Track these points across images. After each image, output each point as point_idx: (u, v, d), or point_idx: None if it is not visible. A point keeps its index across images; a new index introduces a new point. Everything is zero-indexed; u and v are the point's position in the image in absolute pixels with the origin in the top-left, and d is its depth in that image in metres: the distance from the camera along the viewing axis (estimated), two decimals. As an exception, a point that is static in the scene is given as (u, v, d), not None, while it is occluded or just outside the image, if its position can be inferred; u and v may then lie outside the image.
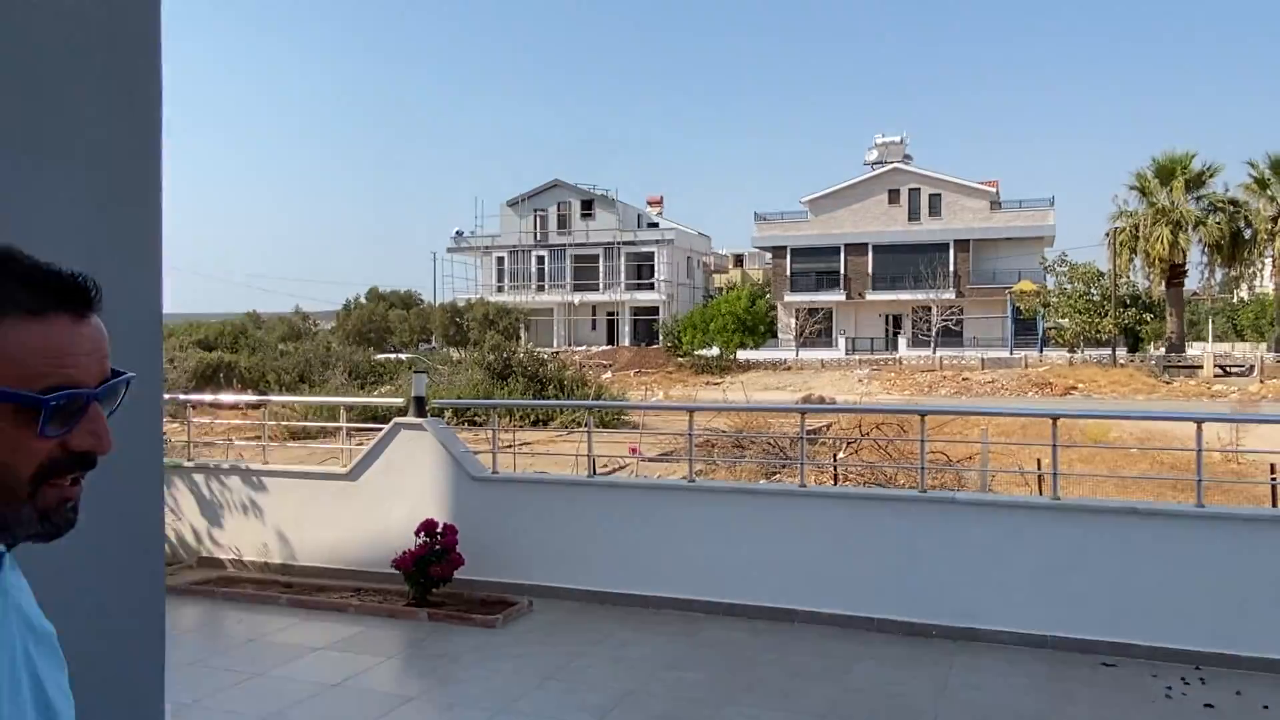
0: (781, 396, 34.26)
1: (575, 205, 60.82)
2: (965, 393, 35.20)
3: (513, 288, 62.41)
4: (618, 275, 59.86)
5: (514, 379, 23.95)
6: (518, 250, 61.93)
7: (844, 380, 40.06)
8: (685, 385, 41.12)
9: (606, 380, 40.02)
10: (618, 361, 51.66)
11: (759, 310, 48.19)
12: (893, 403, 28.64)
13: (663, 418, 24.51)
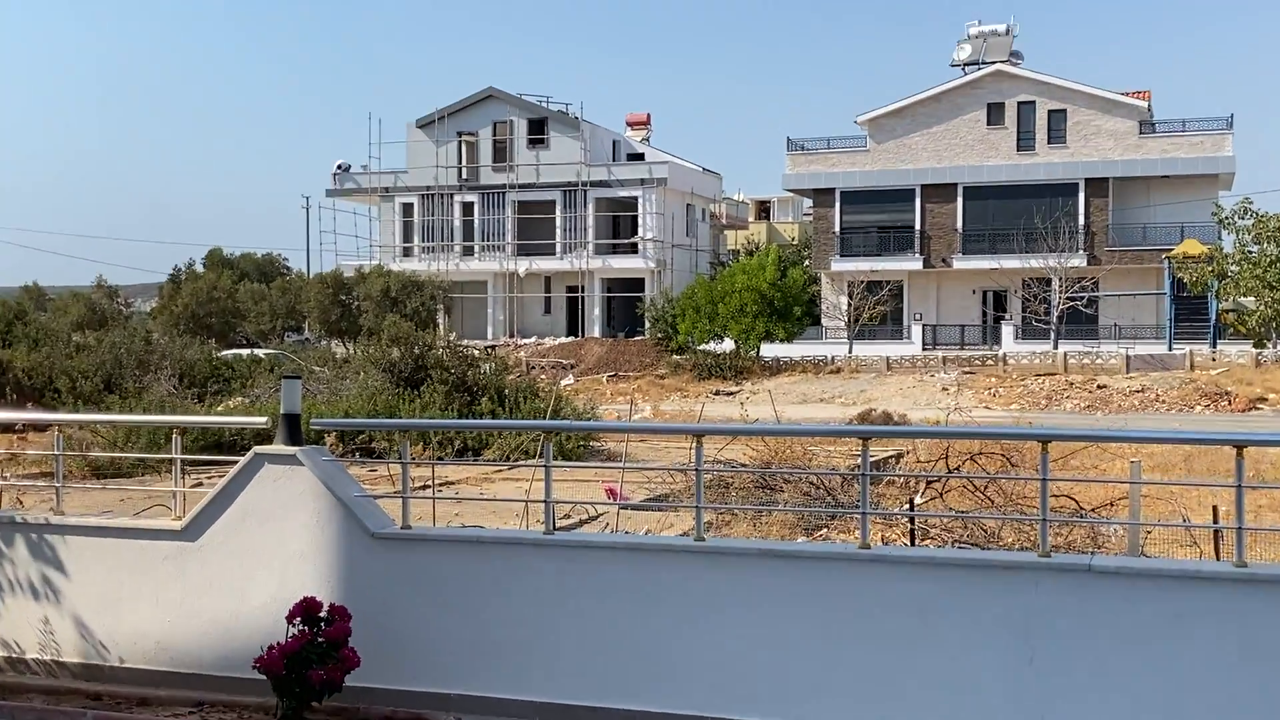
0: (828, 413, 34.41)
1: (520, 127, 60.85)
2: (1102, 407, 35.47)
3: (426, 250, 62.37)
4: (583, 232, 59.95)
5: (430, 387, 23.95)
6: (433, 194, 61.88)
7: (920, 388, 40.29)
8: (684, 396, 41.22)
9: (568, 388, 40.08)
10: (584, 360, 51.75)
11: (793, 284, 48.32)
12: (995, 422, 28.84)
13: (654, 444, 24.54)
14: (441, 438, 21.08)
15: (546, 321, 61.73)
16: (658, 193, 59.17)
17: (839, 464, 18.64)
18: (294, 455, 8.01)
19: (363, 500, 8.04)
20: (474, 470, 19.36)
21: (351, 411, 22.50)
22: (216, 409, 25.92)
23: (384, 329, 27.73)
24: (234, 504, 8.14)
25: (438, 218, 61.99)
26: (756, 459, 17.11)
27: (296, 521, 7.98)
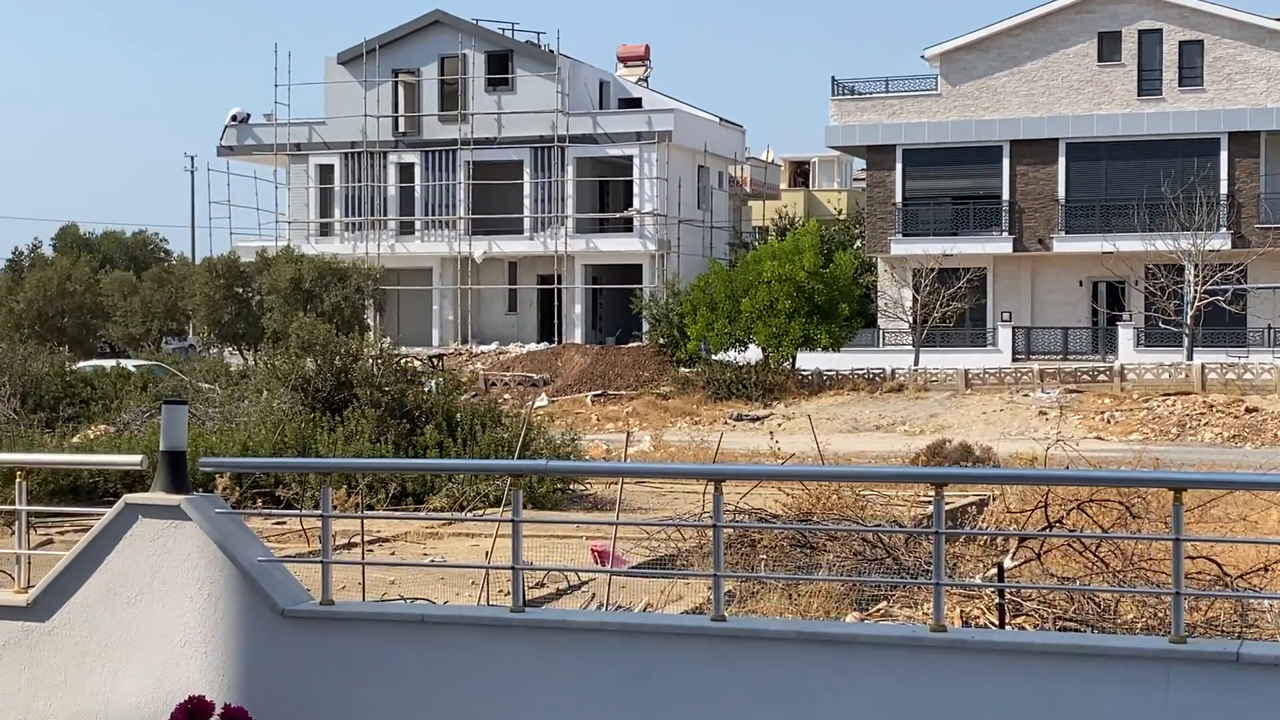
0: (887, 445, 34.42)
1: (476, 64, 60.98)
2: (1252, 437, 35.52)
3: (351, 227, 62.43)
4: (559, 203, 60.04)
5: (357, 411, 23.97)
6: (360, 152, 61.97)
7: (1009, 412, 40.35)
8: (695, 422, 41.25)
9: (540, 412, 40.02)
10: (562, 374, 51.81)
11: (840, 273, 48.39)
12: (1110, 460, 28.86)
13: (656, 487, 24.51)
14: (372, 479, 21.08)
15: (511, 322, 61.75)
16: (659, 150, 59.28)
17: (902, 514, 18.67)
18: (177, 506, 8.00)
19: (268, 567, 8.04)
20: (416, 523, 19.37)
21: (252, 445, 22.52)
22: (72, 441, 25.90)
23: (294, 332, 27.70)
24: (97, 572, 8.13)
25: (366, 184, 62.06)
26: (792, 508, 17.13)
27: (181, 595, 7.97)
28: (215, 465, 12.14)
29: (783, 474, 12.18)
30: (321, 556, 8.08)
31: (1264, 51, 52.72)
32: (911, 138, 56.15)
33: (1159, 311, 50.39)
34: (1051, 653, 6.92)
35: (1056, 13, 55.08)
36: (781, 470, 12.71)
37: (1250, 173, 52.78)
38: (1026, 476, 12.89)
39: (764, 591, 13.78)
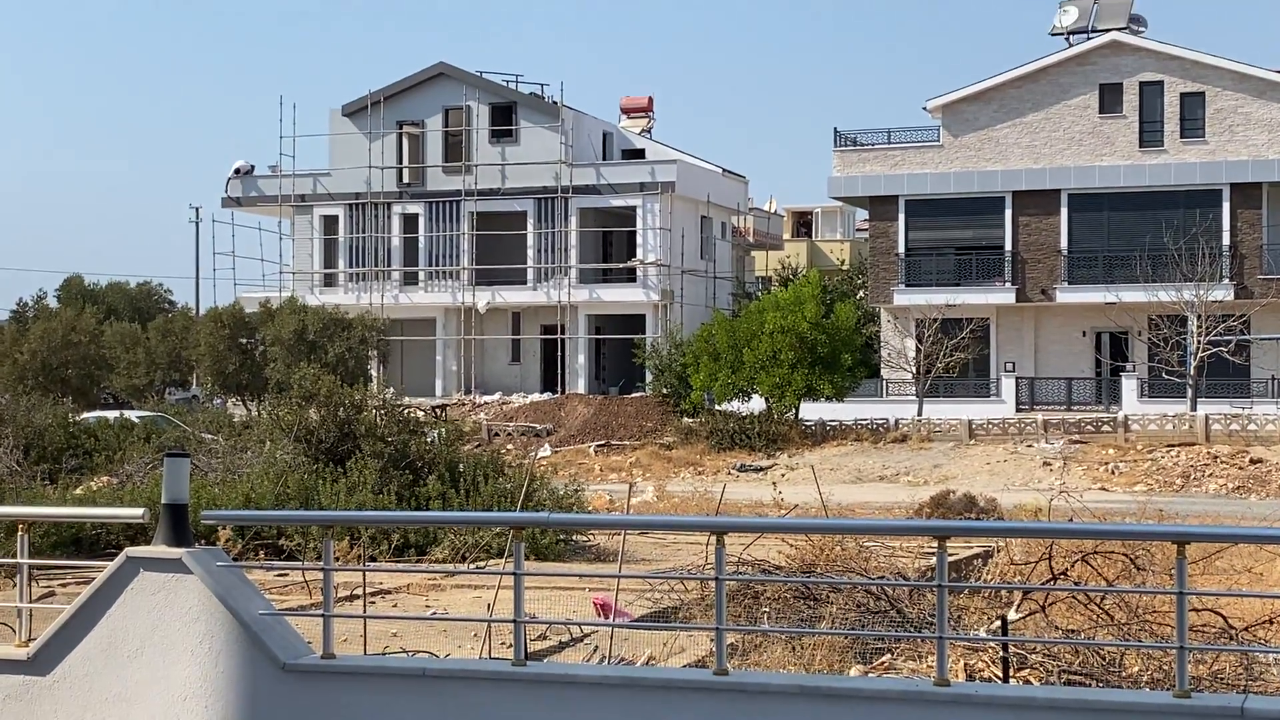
0: (891, 496, 34.37)
1: (480, 115, 61.27)
2: (1257, 488, 35.46)
3: (355, 278, 62.56)
4: (563, 253, 60.18)
5: (360, 462, 23.96)
6: (365, 203, 62.19)
7: (1014, 462, 40.30)
8: (698, 472, 41.21)
9: (543, 462, 39.97)
10: (565, 424, 51.78)
11: (843, 323, 48.42)
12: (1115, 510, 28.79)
13: (660, 539, 24.45)
14: (375, 531, 21.04)
15: (514, 372, 61.76)
16: (663, 201, 59.44)
17: (906, 566, 18.62)
18: (179, 560, 8.02)
19: (270, 620, 8.04)
20: (418, 575, 19.33)
21: (255, 496, 22.51)
22: (74, 494, 25.87)
23: (298, 383, 27.73)
24: (99, 625, 8.13)
25: (371, 235, 62.22)
26: (795, 560, 17.10)
27: (182, 649, 7.97)
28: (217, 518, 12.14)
29: (785, 526, 12.18)
30: (323, 609, 8.08)
31: (1265, 103, 52.92)
32: (914, 188, 56.30)
33: (1162, 362, 50.35)
34: (1056, 707, 6.91)
35: (1058, 65, 55.34)
36: (784, 523, 12.70)
37: (1252, 224, 52.89)
38: (1029, 529, 12.88)
39: (767, 644, 13.74)
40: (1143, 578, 15.98)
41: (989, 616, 15.07)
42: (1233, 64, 53.34)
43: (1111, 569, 16.91)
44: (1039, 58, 55.68)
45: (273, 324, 52.59)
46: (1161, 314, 50.63)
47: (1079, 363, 55.17)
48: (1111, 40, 55.08)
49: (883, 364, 55.14)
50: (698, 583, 15.54)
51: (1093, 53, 55.08)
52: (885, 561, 18.51)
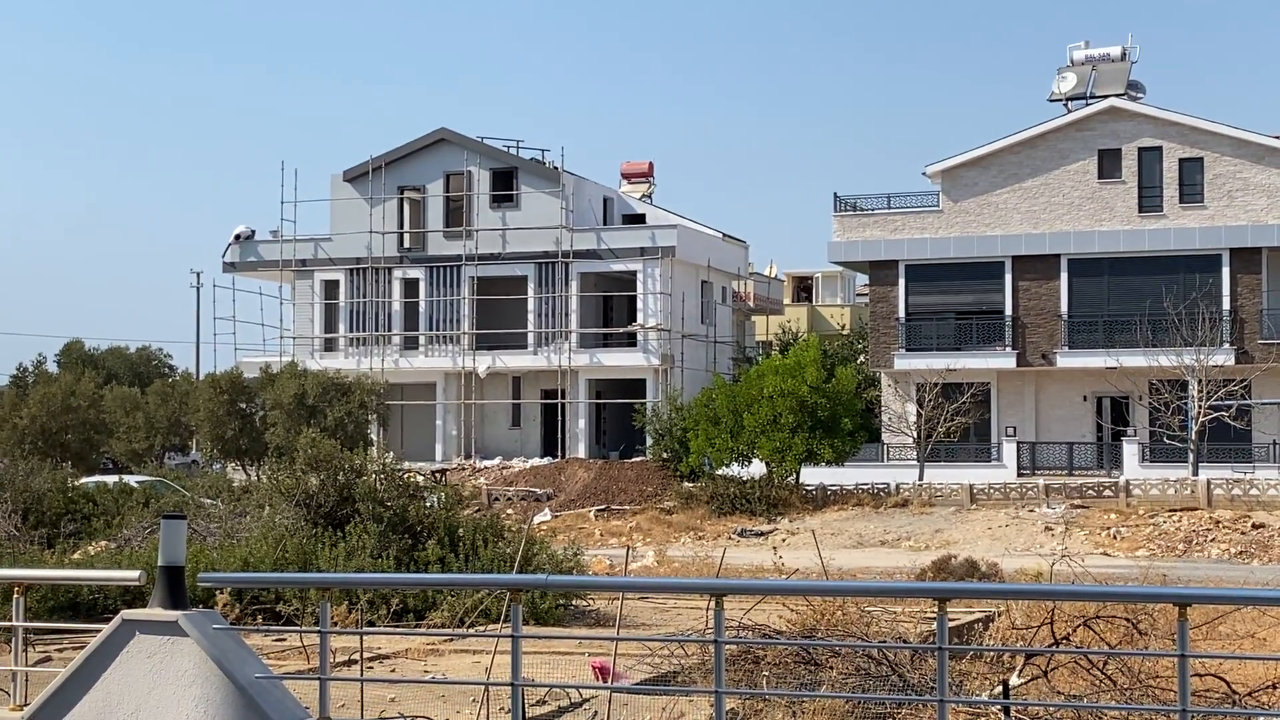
0: (892, 560, 34.28)
1: (481, 181, 61.57)
2: (1259, 553, 35.38)
3: (356, 342, 62.66)
4: (563, 318, 60.30)
5: (359, 526, 23.92)
6: (365, 268, 62.40)
7: (1015, 527, 40.21)
8: (699, 537, 41.15)
9: (543, 526, 39.90)
10: (565, 489, 51.70)
11: (843, 387, 48.44)
12: (1116, 576, 28.71)
13: (660, 603, 24.38)
14: (373, 595, 20.97)
15: (515, 437, 61.73)
16: (663, 266, 59.62)
17: (908, 630, 18.54)
18: (175, 623, 7.98)
19: (267, 684, 8.00)
20: (416, 639, 19.25)
21: (253, 560, 22.45)
22: (72, 558, 25.82)
23: (298, 448, 27.69)
24: (94, 688, 8.09)
25: (371, 299, 62.39)
26: (796, 624, 17.03)
27: (178, 712, 7.92)
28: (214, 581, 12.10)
29: (785, 589, 12.14)
30: (319, 673, 8.04)
31: (1264, 169, 53.17)
32: (914, 253, 56.48)
33: (1163, 427, 50.34)
34: (1057, 771, 6.87)
35: (1057, 130, 55.64)
36: (783, 585, 12.65)
37: (1252, 288, 53.01)
38: (1029, 591, 12.85)
39: (768, 709, 13.67)
40: (1145, 642, 15.93)
41: (991, 681, 15.00)
42: (1231, 129, 53.63)
43: (1114, 634, 16.85)
44: (1038, 123, 56.00)
45: (272, 388, 52.61)
46: (1162, 378, 50.67)
47: (1080, 427, 55.17)
48: (1110, 106, 55.42)
49: (883, 428, 55.13)
50: (698, 647, 15.48)
51: (1091, 118, 55.41)
52: (887, 626, 18.44)
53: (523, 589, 8.64)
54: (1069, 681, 15.02)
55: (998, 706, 12.23)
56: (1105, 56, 58.20)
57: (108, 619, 8.26)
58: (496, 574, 20.79)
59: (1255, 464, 49.11)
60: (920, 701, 12.49)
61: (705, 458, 49.30)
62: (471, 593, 20.86)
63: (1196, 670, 14.57)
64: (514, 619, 7.82)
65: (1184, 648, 6.91)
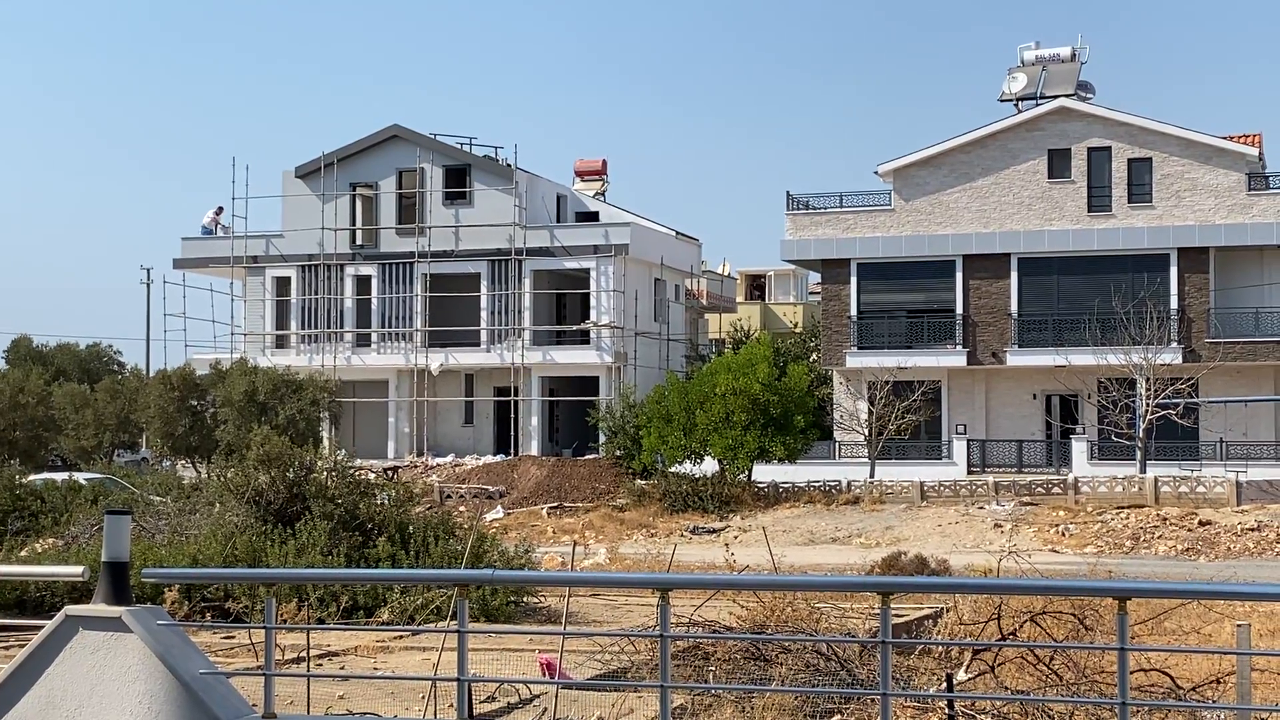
0: (843, 557, 34.40)
1: (434, 177, 61.39)
2: (1205, 550, 35.66)
3: (307, 339, 62.37)
4: (516, 315, 60.21)
5: (309, 523, 23.81)
6: (317, 265, 62.13)
7: (965, 524, 40.41)
8: (651, 534, 41.17)
9: (495, 524, 39.82)
10: (518, 486, 51.61)
11: (795, 385, 48.56)
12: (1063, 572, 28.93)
13: (608, 600, 24.39)
14: (323, 593, 20.89)
15: (467, 434, 61.58)
16: (616, 263, 59.59)
17: (857, 626, 18.62)
18: (119, 618, 7.94)
19: (211, 680, 7.96)
20: (366, 636, 19.19)
21: (202, 558, 22.33)
22: (18, 555, 25.61)
23: (248, 445, 27.56)
24: (37, 684, 8.04)
25: (323, 296, 62.11)
26: (746, 621, 17.06)
27: (122, 708, 7.88)
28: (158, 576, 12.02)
29: (729, 583, 12.16)
30: (264, 669, 8.01)
31: (1211, 169, 53.59)
32: (866, 252, 56.67)
33: (1112, 425, 50.71)
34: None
35: (1007, 130, 55.94)
36: (726, 579, 12.68)
37: (1200, 288, 53.44)
38: (971, 585, 12.92)
39: (718, 705, 13.69)
40: (1090, 637, 16.04)
41: (940, 677, 15.07)
42: (1179, 130, 54.05)
43: (1060, 629, 16.96)
44: (989, 123, 56.30)
45: (223, 385, 52.28)
46: (1110, 377, 51.01)
47: (1029, 425, 55.51)
48: (1060, 106, 55.76)
49: (835, 426, 55.30)
50: (649, 644, 15.49)
51: (1041, 119, 55.73)
52: (836, 623, 18.51)
53: (468, 584, 8.63)
54: (1016, 677, 15.11)
55: (942, 700, 12.30)
56: (1055, 57, 58.55)
57: (51, 616, 8.21)
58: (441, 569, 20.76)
59: (1202, 462, 49.53)
60: (865, 695, 12.55)
61: (658, 455, 49.33)
62: (422, 590, 20.83)
63: (1142, 665, 14.68)
64: (460, 614, 7.81)
65: (1123, 641, 6.97)
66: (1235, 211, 53.24)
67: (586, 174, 70.80)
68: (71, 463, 54.83)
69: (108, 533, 8.30)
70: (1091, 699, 12.02)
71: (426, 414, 60.71)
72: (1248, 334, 52.87)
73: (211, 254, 64.24)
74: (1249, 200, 53.30)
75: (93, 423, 56.32)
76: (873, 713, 13.26)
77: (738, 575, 17.54)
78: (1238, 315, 53.40)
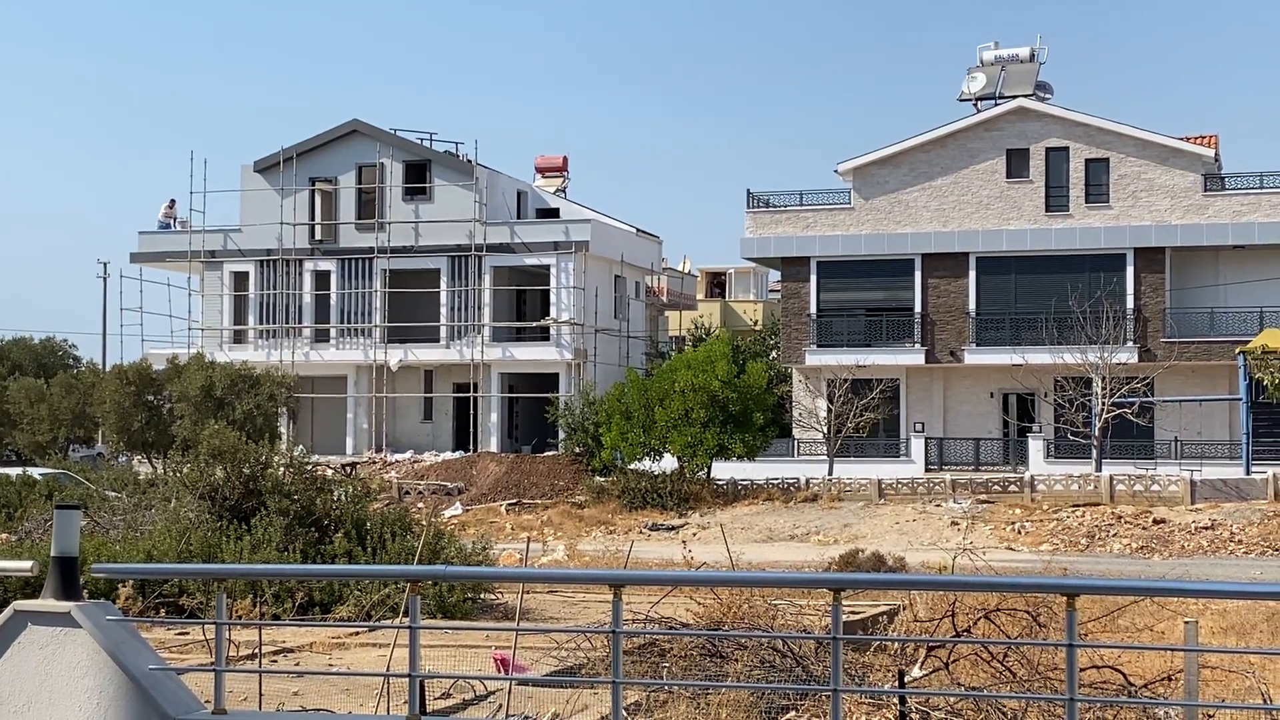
0: (801, 555, 34.48)
1: (394, 173, 61.21)
2: (1160, 548, 35.88)
3: (265, 334, 62.12)
4: (476, 311, 60.11)
5: (265, 519, 23.71)
6: (276, 260, 61.87)
7: (922, 522, 40.55)
8: (610, 531, 41.16)
9: (453, 520, 39.69)
10: (477, 483, 51.50)
11: (754, 383, 48.60)
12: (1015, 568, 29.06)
13: (565, 596, 24.37)
14: (279, 589, 20.79)
15: (426, 430, 61.48)
16: (577, 260, 59.56)
17: (813, 624, 18.66)
18: (68, 613, 7.90)
19: (161, 675, 7.92)
20: (321, 633, 19.12)
21: (156, 553, 22.20)
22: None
23: (204, 440, 27.43)
24: (-17, 680, 7.98)
25: (282, 291, 61.86)
26: (703, 617, 17.08)
27: (70, 703, 7.84)
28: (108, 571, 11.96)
29: (680, 579, 12.19)
30: (215, 664, 7.98)
31: (1168, 170, 53.92)
32: (825, 250, 56.80)
33: (1068, 423, 50.99)
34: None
35: (966, 130, 56.16)
36: (679, 575, 12.72)
37: (1156, 288, 53.78)
38: (921, 582, 12.98)
39: (673, 701, 13.70)
40: (1044, 634, 16.11)
41: (893, 674, 15.12)
42: (1136, 131, 54.37)
43: (1015, 626, 17.03)
44: (948, 123, 56.50)
45: (180, 381, 52.05)
46: (1067, 376, 51.29)
47: (987, 423, 55.77)
48: (1018, 107, 56.01)
49: (794, 424, 55.42)
50: (605, 640, 15.49)
51: (1000, 119, 55.97)
52: (793, 620, 18.53)
53: (420, 580, 8.62)
54: (970, 674, 15.16)
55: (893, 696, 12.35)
56: (1014, 57, 58.77)
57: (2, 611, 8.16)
58: (397, 565, 20.71)
59: (1157, 460, 49.84)
60: (816, 691, 12.59)
61: (617, 452, 49.31)
62: (379, 586, 20.76)
63: (1095, 663, 14.76)
64: (411, 610, 7.80)
65: (1072, 637, 7.02)
66: (1191, 212, 53.58)
67: (547, 170, 70.76)
68: (26, 458, 54.47)
69: (57, 527, 8.26)
70: (1043, 695, 12.08)
71: (385, 410, 60.56)
72: (1203, 334, 53.23)
73: (169, 248, 63.92)
74: (1205, 201, 53.67)
75: (48, 417, 55.99)
76: (828, 709, 13.30)
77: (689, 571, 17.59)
78: (1193, 315, 53.77)
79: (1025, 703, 13.11)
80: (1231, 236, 53.07)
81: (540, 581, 22.65)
